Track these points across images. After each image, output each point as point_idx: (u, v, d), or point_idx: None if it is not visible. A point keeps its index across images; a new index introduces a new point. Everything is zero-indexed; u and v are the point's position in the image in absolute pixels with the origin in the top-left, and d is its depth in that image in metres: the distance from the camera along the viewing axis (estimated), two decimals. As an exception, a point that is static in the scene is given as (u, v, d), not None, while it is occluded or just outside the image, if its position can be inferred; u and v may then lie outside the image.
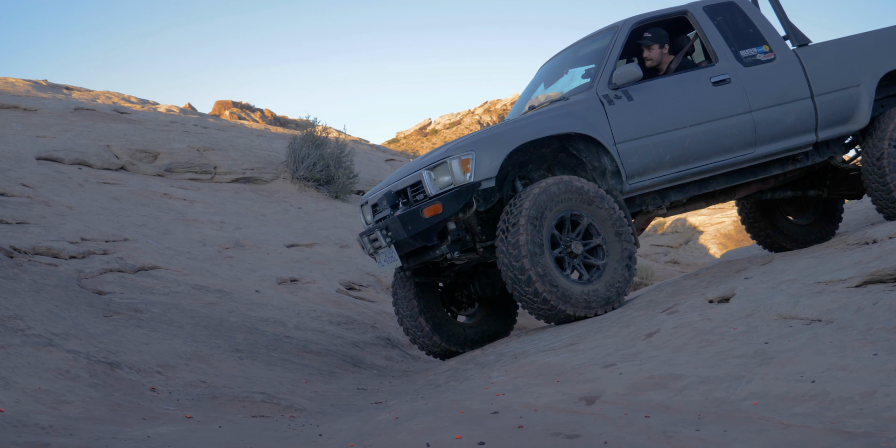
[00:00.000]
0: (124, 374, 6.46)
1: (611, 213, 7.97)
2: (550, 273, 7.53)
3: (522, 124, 8.14)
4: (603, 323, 7.23)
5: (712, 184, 9.03)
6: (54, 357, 6.27)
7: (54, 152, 15.67)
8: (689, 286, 7.85)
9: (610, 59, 8.67)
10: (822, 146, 9.41)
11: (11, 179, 12.85)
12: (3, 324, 6.56)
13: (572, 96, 8.69)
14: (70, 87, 23.56)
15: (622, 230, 8.01)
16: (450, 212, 7.72)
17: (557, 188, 7.78)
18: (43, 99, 19.89)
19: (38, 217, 11.25)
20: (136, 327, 7.85)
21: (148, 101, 24.71)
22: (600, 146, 8.34)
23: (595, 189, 7.95)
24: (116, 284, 9.39)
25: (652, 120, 8.47)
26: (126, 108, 21.35)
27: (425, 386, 7.08)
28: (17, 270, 8.33)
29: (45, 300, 7.70)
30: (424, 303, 8.95)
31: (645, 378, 5.17)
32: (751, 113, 8.77)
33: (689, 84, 8.74)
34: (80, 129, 17.65)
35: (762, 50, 9.06)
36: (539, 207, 7.62)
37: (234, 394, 6.64)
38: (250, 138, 21.47)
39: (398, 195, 8.39)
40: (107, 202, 13.50)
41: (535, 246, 7.50)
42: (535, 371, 6.11)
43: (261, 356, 8.08)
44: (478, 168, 7.79)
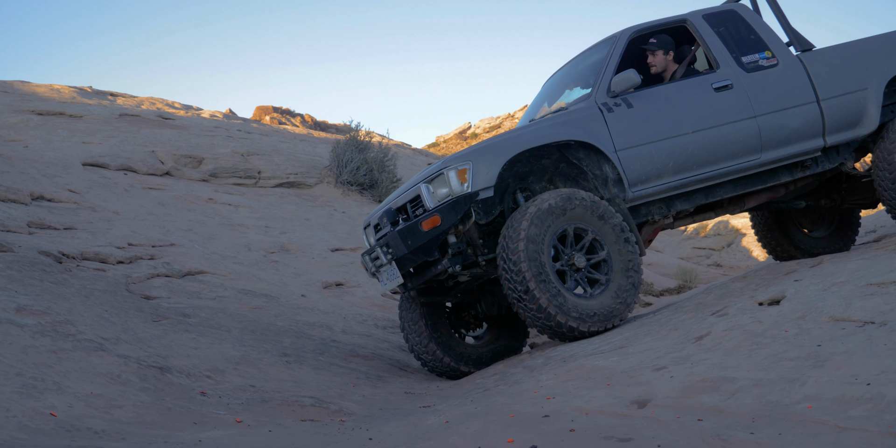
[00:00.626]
0: (174, 379, 6.49)
1: (613, 223, 7.84)
2: (553, 289, 7.41)
3: (520, 133, 8.04)
4: (652, 326, 7.19)
5: (719, 192, 8.89)
6: (105, 362, 6.31)
7: (100, 158, 15.78)
8: (738, 289, 7.79)
9: (608, 68, 8.58)
10: (831, 152, 9.25)
11: (58, 185, 12.95)
12: (54, 329, 6.61)
13: (571, 106, 8.62)
14: (114, 94, 23.73)
15: (626, 241, 7.87)
16: (448, 223, 7.60)
17: (557, 202, 7.63)
18: (88, 105, 20.05)
19: (86, 222, 11.33)
20: (185, 332, 7.89)
21: (192, 106, 24.85)
22: (601, 154, 8.22)
23: (596, 200, 7.83)
24: (164, 289, 9.44)
25: (653, 126, 8.35)
26: (170, 114, 21.48)
27: (473, 390, 7.07)
28: (67, 276, 8.39)
29: (95, 305, 7.76)
30: (432, 323, 8.86)
31: (697, 381, 5.14)
32: (755, 118, 8.64)
33: (690, 90, 8.63)
34: (125, 135, 17.78)
35: (764, 56, 8.95)
36: (538, 223, 7.49)
37: (283, 398, 6.66)
38: (293, 143, 21.54)
39: (398, 212, 8.27)
40: (153, 207, 13.58)
41: (536, 263, 7.37)
42: (584, 374, 6.08)
43: (308, 360, 8.10)
44: (475, 178, 7.69)
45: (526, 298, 7.36)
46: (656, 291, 18.23)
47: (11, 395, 5.22)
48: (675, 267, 22.19)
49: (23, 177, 12.48)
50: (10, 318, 6.50)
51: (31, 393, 5.34)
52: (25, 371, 5.64)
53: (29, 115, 18.33)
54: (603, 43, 9.12)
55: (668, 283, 20.04)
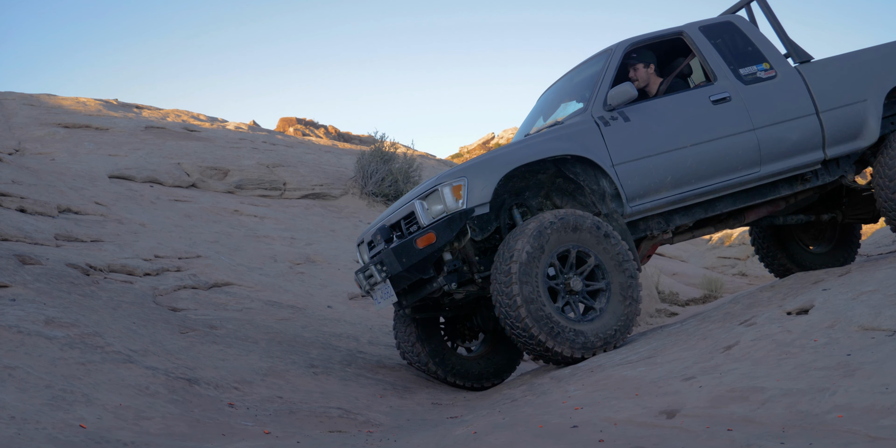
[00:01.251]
0: (202, 390, 6.51)
1: (613, 245, 7.70)
2: (543, 312, 7.24)
3: (515, 149, 7.91)
4: (679, 336, 7.17)
5: (719, 206, 8.75)
6: (134, 373, 6.34)
7: (126, 170, 15.86)
8: (766, 298, 7.75)
9: (604, 82, 8.45)
10: (831, 165, 9.09)
11: (85, 198, 13.02)
12: (83, 341, 6.64)
13: (567, 120, 8.47)
14: (140, 106, 23.85)
15: (625, 264, 7.72)
16: (444, 240, 7.47)
17: (553, 225, 7.47)
18: (114, 118, 20.16)
19: (112, 235, 11.38)
20: (212, 343, 7.91)
21: (217, 118, 24.94)
22: (598, 168, 8.08)
23: (595, 222, 7.70)
24: (191, 301, 9.47)
25: (650, 140, 8.21)
26: (195, 126, 21.58)
27: (501, 400, 7.06)
28: (94, 288, 8.43)
29: (123, 317, 7.79)
30: (425, 336, 8.80)
31: (726, 391, 5.12)
32: (754, 131, 8.51)
33: (687, 103, 8.50)
34: (150, 148, 17.86)
35: (762, 68, 8.85)
36: (535, 243, 7.34)
37: (310, 409, 6.67)
38: (318, 154, 21.59)
39: (392, 229, 8.17)
40: (179, 219, 13.63)
41: (528, 285, 7.21)
42: (612, 384, 6.06)
43: (335, 371, 8.11)
44: (470, 194, 7.55)
45: (515, 319, 7.22)
46: (682, 301, 18.18)
47: (41, 406, 5.24)
48: (700, 276, 22.13)
49: (50, 189, 12.55)
50: (39, 331, 6.54)
51: (60, 405, 5.36)
52: (55, 383, 5.67)
53: (55, 128, 18.44)
54: (598, 56, 9.04)
55: (694, 293, 19.98)
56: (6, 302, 7.05)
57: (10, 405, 5.08)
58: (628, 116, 8.21)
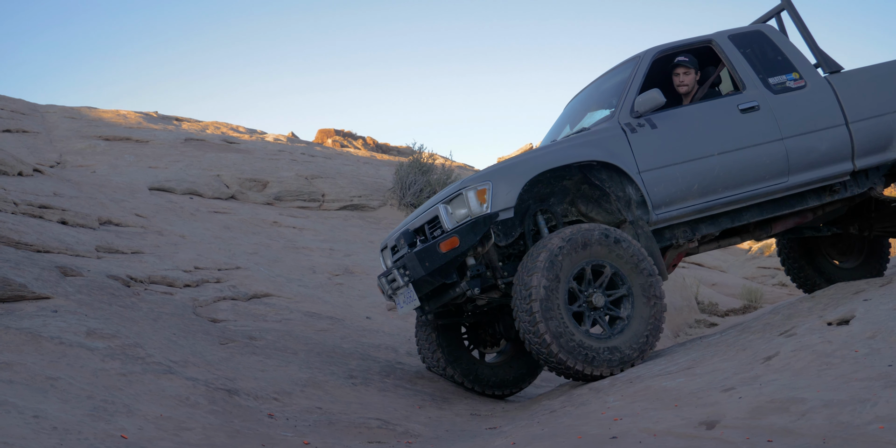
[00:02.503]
0: (242, 401, 6.54)
1: (625, 249, 7.57)
2: (562, 328, 7.14)
3: (541, 154, 7.84)
4: (719, 346, 7.14)
5: (745, 216, 8.64)
6: (174, 384, 6.37)
7: (166, 182, 15.97)
8: (806, 308, 7.71)
9: (632, 88, 8.39)
10: (860, 176, 8.99)
11: (126, 210, 13.11)
12: (124, 352, 6.69)
13: (594, 127, 8.42)
14: (180, 119, 24.01)
15: (641, 264, 7.61)
16: (467, 244, 7.38)
17: (563, 249, 7.32)
18: (154, 130, 20.31)
19: (153, 246, 11.45)
20: (252, 354, 7.94)
21: (256, 130, 25.07)
22: (624, 175, 8.01)
23: (617, 235, 7.57)
24: (230, 312, 9.52)
25: (677, 148, 8.14)
26: (234, 138, 21.70)
27: (540, 411, 7.05)
28: (135, 299, 8.49)
29: (163, 328, 7.84)
30: (446, 342, 8.79)
31: (765, 402, 5.09)
32: (782, 140, 8.43)
33: (715, 111, 8.44)
34: (190, 160, 17.98)
35: (792, 77, 8.74)
36: (553, 265, 7.22)
37: (350, 420, 6.68)
38: (356, 165, 21.66)
39: (416, 233, 8.11)
40: (218, 231, 13.71)
41: (548, 301, 7.12)
42: (652, 395, 6.04)
43: (374, 382, 8.12)
44: (495, 198, 7.49)
45: (548, 355, 7.15)
46: (721, 312, 18.09)
47: (83, 417, 5.28)
48: (739, 287, 22.00)
49: (91, 202, 12.65)
50: (80, 342, 6.59)
51: (101, 415, 5.40)
52: (96, 394, 5.71)
53: (96, 141, 18.60)
54: (626, 63, 8.97)
55: (733, 304, 19.87)
56: (48, 313, 7.11)
57: (53, 416, 5.12)
58: (655, 123, 8.15)
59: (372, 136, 39.59)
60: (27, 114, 19.23)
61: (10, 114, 18.54)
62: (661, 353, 7.81)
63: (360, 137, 39.72)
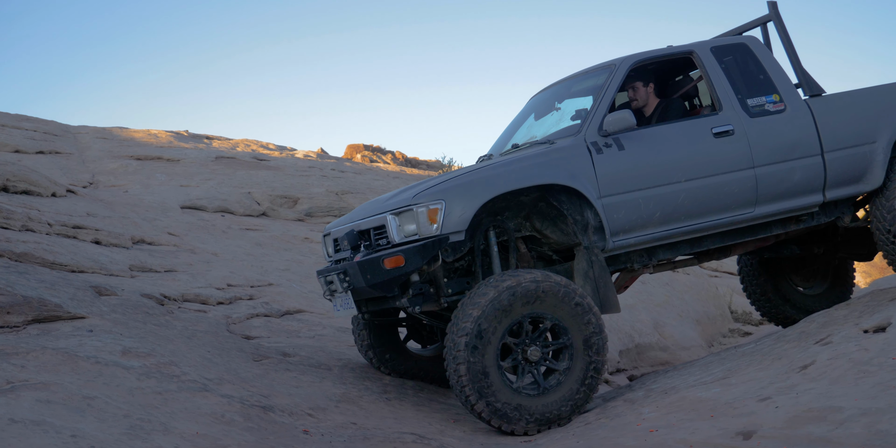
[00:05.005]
0: (277, 418, 6.56)
1: (585, 318, 7.23)
2: (493, 392, 6.90)
3: (500, 172, 7.45)
4: (754, 356, 7.11)
5: (706, 243, 8.36)
6: (209, 402, 6.40)
7: (198, 201, 16.05)
8: (842, 316, 7.67)
9: (603, 102, 7.97)
10: (829, 206, 8.69)
11: (158, 228, 13.19)
12: (159, 370, 6.73)
13: (559, 140, 7.99)
14: (210, 137, 24.13)
15: (594, 340, 7.24)
16: (412, 267, 7.08)
17: (513, 294, 6.99)
18: (185, 149, 20.43)
19: (185, 264, 11.51)
20: (286, 371, 7.97)
21: (285, 147, 25.17)
22: (583, 198, 7.61)
23: (567, 289, 7.19)
24: (263, 329, 9.55)
25: (643, 172, 7.79)
26: (265, 155, 21.79)
27: (574, 423, 7.04)
28: (169, 318, 8.54)
29: (198, 346, 7.87)
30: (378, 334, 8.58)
31: (802, 411, 5.07)
32: (753, 169, 8.09)
33: (687, 134, 8.05)
34: (221, 178, 18.07)
35: (771, 99, 8.34)
36: (482, 325, 6.88)
37: (384, 435, 6.69)
38: (386, 180, 21.69)
39: (360, 235, 7.75)
40: (250, 248, 13.76)
41: (475, 368, 6.86)
42: (687, 406, 6.03)
43: (408, 397, 8.13)
44: (446, 220, 7.12)
45: (460, 391, 6.94)
46: (755, 321, 17.98)
47: (120, 436, 5.32)
48: (774, 295, 21.85)
49: (124, 221, 12.73)
50: (116, 361, 6.63)
51: (138, 434, 5.43)
52: (133, 412, 5.74)
53: (128, 161, 18.73)
54: (600, 69, 8.49)
55: (768, 312, 19.72)
56: (84, 333, 7.17)
57: (90, 435, 5.16)
58: (623, 144, 7.79)
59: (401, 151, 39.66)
60: (60, 135, 19.39)
61: (43, 135, 18.70)
62: (694, 363, 7.79)
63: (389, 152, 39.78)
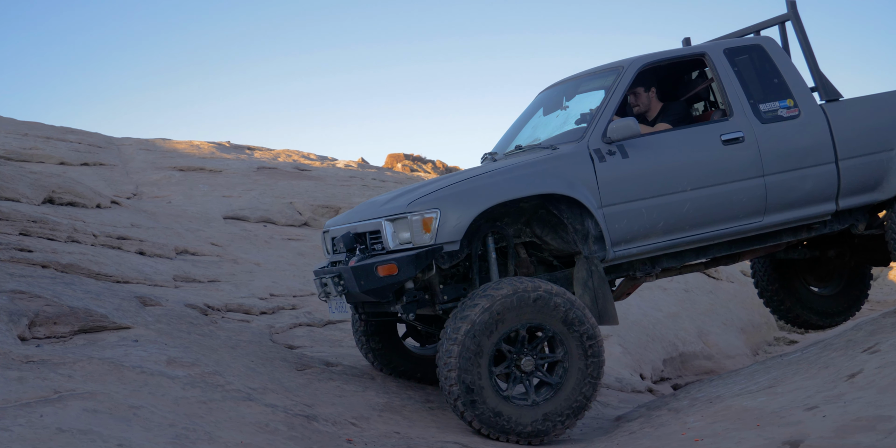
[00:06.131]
0: (321, 427, 6.58)
1: (582, 330, 7.08)
2: (481, 401, 6.81)
3: (499, 180, 7.29)
4: (800, 364, 7.06)
5: (712, 251, 8.19)
6: (254, 411, 6.43)
7: (240, 211, 16.12)
8: (890, 324, 7.58)
9: (608, 107, 7.77)
10: (842, 214, 8.44)
11: (201, 239, 13.26)
12: (204, 380, 6.76)
13: (561, 145, 7.78)
14: (252, 148, 24.22)
15: (590, 353, 7.09)
16: (406, 275, 6.95)
17: (506, 304, 6.88)
18: (227, 160, 20.52)
19: (228, 275, 11.57)
20: (329, 380, 7.99)
21: (326, 157, 25.23)
22: (584, 208, 7.42)
23: (562, 300, 7.05)
24: (306, 338, 9.58)
25: (647, 181, 7.59)
26: (306, 165, 21.85)
27: (619, 433, 7.02)
28: (213, 327, 8.58)
29: (241, 356, 7.91)
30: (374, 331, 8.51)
31: (851, 420, 5.03)
32: (763, 177, 7.88)
33: (695, 141, 7.85)
34: (263, 188, 18.13)
35: (785, 105, 8.08)
36: (479, 327, 6.82)
37: (428, 444, 6.70)
38: (427, 190, 21.66)
39: (357, 238, 7.58)
40: (292, 258, 13.80)
41: (466, 378, 6.77)
42: (733, 415, 5.99)
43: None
44: (441, 229, 7.00)
45: (450, 395, 6.87)
46: (801, 329, 17.88)
47: (165, 445, 5.35)
48: (818, 303, 21.69)
49: (167, 232, 12.81)
50: (161, 371, 6.68)
51: (184, 443, 5.46)
52: (178, 422, 5.78)
53: (171, 172, 18.83)
54: (608, 70, 8.25)
55: (813, 320, 19.58)
56: (129, 343, 7.22)
57: (137, 444, 5.19)
58: (627, 152, 7.60)
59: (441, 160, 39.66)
60: (104, 147, 19.53)
61: (88, 147, 18.84)
62: (740, 372, 7.74)
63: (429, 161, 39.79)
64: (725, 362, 14.21)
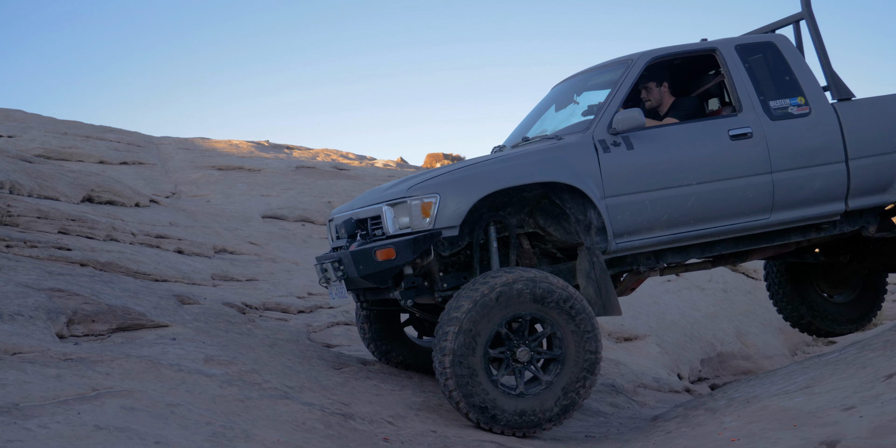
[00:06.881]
0: (357, 425, 6.59)
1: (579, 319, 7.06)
2: (477, 391, 6.82)
3: (500, 167, 7.29)
4: (838, 365, 7.01)
5: (718, 248, 8.10)
6: (290, 409, 6.45)
7: (278, 210, 16.18)
8: (928, 325, 7.52)
9: (615, 99, 7.73)
10: (853, 214, 8.37)
11: (240, 238, 13.32)
12: (241, 378, 6.79)
13: (567, 136, 7.73)
14: (290, 147, 24.29)
15: (587, 347, 7.07)
16: (403, 260, 6.93)
17: (503, 292, 6.85)
18: (266, 159, 20.60)
19: (266, 273, 11.61)
20: (366, 379, 8.00)
21: (365, 156, 25.28)
22: (587, 198, 7.39)
23: (561, 291, 7.01)
24: (344, 337, 9.60)
25: (651, 173, 7.55)
26: (344, 165, 21.90)
27: (655, 432, 6.99)
28: (251, 326, 8.61)
29: (279, 354, 7.93)
30: (376, 319, 8.52)
31: (888, 421, 4.99)
32: (770, 174, 7.81)
33: (701, 135, 7.81)
34: (301, 187, 18.18)
35: (796, 102, 8.02)
36: (470, 323, 6.78)
37: (465, 442, 6.69)
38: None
39: (358, 224, 7.60)
40: (331, 257, 13.82)
41: (461, 371, 6.75)
42: (769, 415, 5.96)
43: (488, 405, 8.11)
44: (440, 214, 6.96)
45: (445, 386, 6.86)
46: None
47: (202, 443, 5.37)
48: (859, 303, 21.52)
49: (206, 231, 12.88)
50: (199, 369, 6.71)
51: (220, 441, 5.49)
52: (215, 420, 5.80)
53: (210, 171, 18.92)
54: (618, 64, 8.20)
55: (853, 320, 19.43)
56: (167, 341, 7.26)
57: (174, 442, 5.22)
58: (632, 144, 7.55)
59: (480, 159, 39.60)
60: (143, 146, 19.65)
61: (127, 146, 18.97)
62: (777, 372, 7.69)
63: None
64: (763, 362, 14.14)
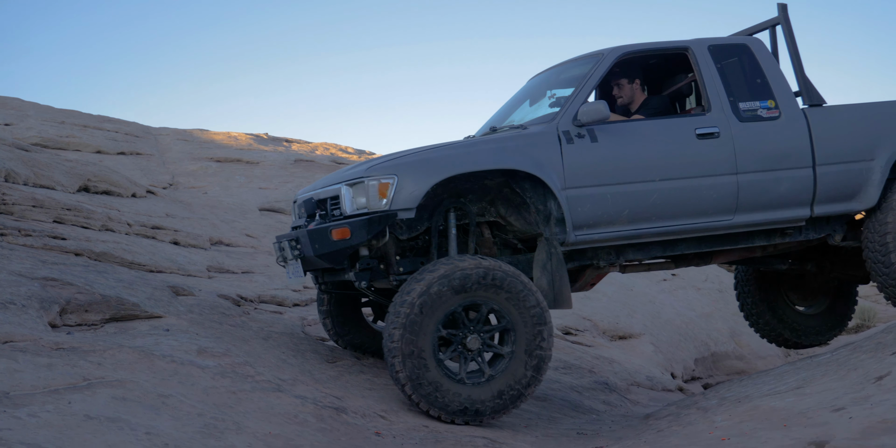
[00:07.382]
0: (350, 419, 6.60)
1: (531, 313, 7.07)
2: (427, 382, 6.86)
3: (460, 152, 7.29)
4: (829, 366, 7.02)
5: (681, 246, 8.06)
6: (283, 402, 6.45)
7: (276, 203, 16.18)
8: (921, 328, 7.54)
9: (582, 91, 7.71)
10: (819, 221, 8.35)
11: (236, 230, 13.32)
12: (234, 370, 6.79)
13: (532, 126, 7.73)
14: (289, 140, 24.26)
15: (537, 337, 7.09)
16: (358, 240, 6.92)
17: (455, 278, 6.86)
18: (264, 152, 20.58)
19: (262, 266, 11.62)
20: (360, 373, 8.01)
21: (364, 150, 25.26)
22: (547, 188, 7.37)
23: (515, 280, 7.03)
24: (338, 331, 9.59)
25: (614, 167, 7.52)
26: (343, 159, 21.89)
27: (646, 431, 7.00)
28: (245, 318, 8.61)
29: (273, 347, 7.93)
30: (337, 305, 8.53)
31: (877, 422, 5.00)
32: (736, 175, 7.77)
33: (667, 132, 7.78)
34: (299, 180, 18.17)
35: (766, 105, 7.99)
36: (428, 298, 6.82)
37: (456, 438, 6.70)
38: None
39: (319, 204, 7.62)
40: (326, 250, 13.83)
41: (412, 363, 6.80)
42: (760, 415, 5.97)
43: (481, 401, 8.11)
44: (396, 195, 6.95)
45: (397, 380, 6.90)
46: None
47: (194, 434, 5.38)
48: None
49: (202, 222, 12.88)
50: (191, 360, 6.71)
51: (212, 433, 5.49)
52: (206, 411, 5.81)
53: (208, 163, 18.90)
54: (589, 57, 8.17)
55: (848, 322, 19.42)
56: (160, 332, 7.25)
57: (165, 433, 5.22)
58: (597, 136, 7.52)
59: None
60: (141, 136, 19.62)
61: (125, 136, 18.94)
62: (769, 373, 7.70)
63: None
64: (757, 363, 14.16)
